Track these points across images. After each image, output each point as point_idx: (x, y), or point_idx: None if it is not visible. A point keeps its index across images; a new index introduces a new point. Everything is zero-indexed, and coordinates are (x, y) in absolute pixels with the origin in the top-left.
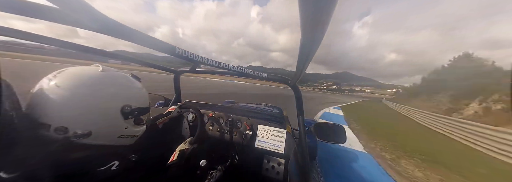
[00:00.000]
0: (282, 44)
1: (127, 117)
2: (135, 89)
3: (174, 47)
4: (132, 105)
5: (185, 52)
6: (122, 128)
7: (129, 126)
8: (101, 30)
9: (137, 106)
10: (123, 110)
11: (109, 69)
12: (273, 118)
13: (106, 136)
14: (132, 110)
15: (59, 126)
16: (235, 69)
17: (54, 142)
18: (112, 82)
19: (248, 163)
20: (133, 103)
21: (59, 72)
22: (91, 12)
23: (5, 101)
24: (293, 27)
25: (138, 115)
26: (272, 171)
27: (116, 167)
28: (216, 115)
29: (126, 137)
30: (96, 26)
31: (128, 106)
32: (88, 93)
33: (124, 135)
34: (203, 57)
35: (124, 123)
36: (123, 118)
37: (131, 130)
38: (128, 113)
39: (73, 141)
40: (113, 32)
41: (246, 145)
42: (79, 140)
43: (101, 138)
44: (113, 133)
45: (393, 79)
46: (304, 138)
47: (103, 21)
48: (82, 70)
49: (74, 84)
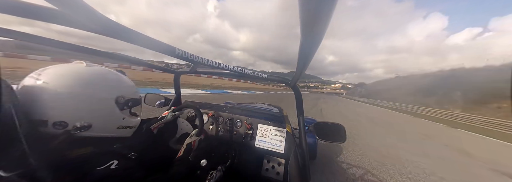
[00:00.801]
0: (243, 43)
1: (122, 108)
2: (124, 82)
3: (174, 48)
4: (125, 96)
5: (185, 53)
6: (120, 118)
7: (126, 117)
8: (101, 32)
9: (130, 97)
10: (118, 100)
11: (94, 64)
12: (273, 117)
13: (106, 127)
14: (126, 100)
15: (57, 121)
16: (235, 70)
17: (54, 137)
18: (101, 75)
19: (248, 163)
20: (125, 94)
21: (42, 70)
22: (91, 14)
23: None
24: (253, 26)
25: (132, 105)
26: (272, 171)
27: (115, 166)
28: (216, 115)
29: (125, 128)
30: (96, 27)
31: (122, 97)
32: (79, 86)
33: (123, 125)
34: (203, 58)
35: (121, 114)
36: (118, 108)
37: (128, 120)
38: (123, 104)
39: (74, 134)
40: (113, 34)
41: (246, 145)
42: (80, 133)
43: (101, 129)
44: (112, 124)
45: (331, 77)
46: (304, 137)
47: (103, 22)
48: (67, 67)
49: (63, 79)
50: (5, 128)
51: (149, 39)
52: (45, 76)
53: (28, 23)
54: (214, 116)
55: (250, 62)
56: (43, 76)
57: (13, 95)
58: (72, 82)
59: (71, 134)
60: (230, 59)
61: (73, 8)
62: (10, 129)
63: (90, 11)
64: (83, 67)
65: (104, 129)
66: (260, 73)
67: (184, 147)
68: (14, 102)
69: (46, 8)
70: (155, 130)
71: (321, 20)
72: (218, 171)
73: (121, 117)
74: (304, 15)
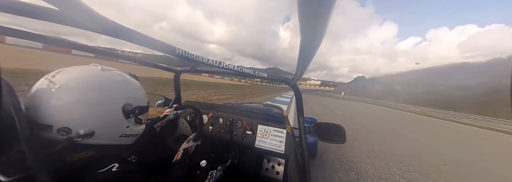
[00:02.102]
0: (219, 36)
1: (128, 116)
2: (134, 88)
3: (174, 47)
4: (133, 103)
5: (185, 53)
6: (124, 127)
7: (130, 125)
8: (101, 31)
9: (137, 105)
10: (124, 109)
11: (108, 68)
12: (273, 118)
13: (108, 135)
14: (133, 108)
15: (61, 127)
16: (235, 69)
17: (57, 143)
18: (112, 81)
19: (248, 163)
20: (133, 101)
21: (57, 72)
22: (91, 14)
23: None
24: (229, 17)
25: (138, 113)
26: (272, 171)
27: (116, 169)
28: (216, 115)
29: (127, 136)
30: (96, 27)
31: (129, 105)
32: (90, 93)
33: (126, 134)
34: (203, 58)
35: (126, 122)
36: (124, 117)
37: (132, 129)
38: (129, 112)
39: (76, 141)
40: (113, 33)
41: (246, 145)
42: (82, 140)
43: (103, 137)
44: (115, 132)
45: (305, 74)
46: (304, 137)
47: (102, 22)
48: (81, 70)
49: (75, 85)
50: (5, 131)
51: (149, 39)
52: (58, 79)
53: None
54: (214, 117)
55: (227, 57)
56: (56, 79)
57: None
58: (82, 88)
59: (73, 141)
60: (206, 53)
61: (73, 8)
62: (10, 132)
63: (89, 11)
64: (97, 71)
65: (107, 137)
66: (260, 72)
67: (181, 151)
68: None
69: (46, 8)
70: (158, 128)
71: (321, 20)
72: (218, 171)
73: (126, 126)
74: (304, 16)
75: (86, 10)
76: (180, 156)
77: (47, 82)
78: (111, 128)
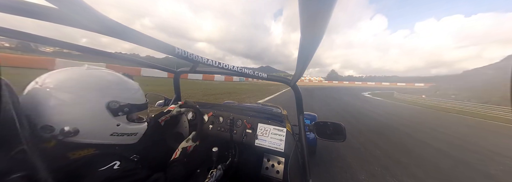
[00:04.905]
0: (208, 33)
1: (116, 114)
2: (124, 86)
3: (173, 47)
4: (121, 101)
5: (184, 53)
6: (113, 125)
7: (121, 123)
8: (101, 31)
9: (127, 102)
10: (110, 106)
11: (95, 68)
12: (273, 117)
13: (96, 134)
14: (120, 106)
15: (44, 125)
16: (235, 70)
17: (46, 141)
18: (96, 79)
19: (248, 162)
20: (121, 99)
21: (48, 74)
22: (91, 13)
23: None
24: (216, 12)
25: (130, 111)
26: (272, 169)
27: (118, 167)
28: (216, 114)
29: (121, 135)
30: (95, 26)
31: (115, 102)
32: (69, 90)
33: (117, 132)
34: (203, 58)
35: (114, 120)
36: (111, 114)
37: (124, 127)
38: (117, 110)
39: (64, 140)
40: (113, 33)
41: (246, 144)
42: (70, 138)
43: (90, 135)
44: (103, 131)
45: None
46: (304, 136)
47: (102, 21)
48: (67, 70)
49: (55, 83)
50: (7, 131)
51: (149, 38)
52: (43, 79)
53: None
54: (215, 116)
55: (219, 57)
56: (41, 79)
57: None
58: (60, 85)
59: (59, 139)
60: (195, 53)
61: (73, 7)
62: (11, 132)
63: (89, 10)
64: (82, 70)
65: (95, 136)
66: (259, 73)
67: (180, 150)
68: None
69: (46, 7)
70: (163, 122)
71: (321, 20)
72: (218, 169)
73: (115, 124)
74: (304, 15)
75: (86, 8)
76: (178, 155)
77: (34, 83)
78: (97, 126)
